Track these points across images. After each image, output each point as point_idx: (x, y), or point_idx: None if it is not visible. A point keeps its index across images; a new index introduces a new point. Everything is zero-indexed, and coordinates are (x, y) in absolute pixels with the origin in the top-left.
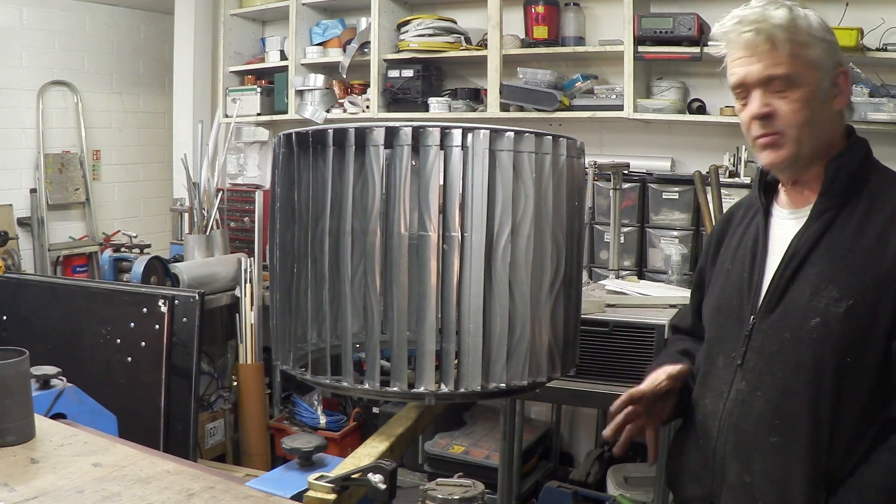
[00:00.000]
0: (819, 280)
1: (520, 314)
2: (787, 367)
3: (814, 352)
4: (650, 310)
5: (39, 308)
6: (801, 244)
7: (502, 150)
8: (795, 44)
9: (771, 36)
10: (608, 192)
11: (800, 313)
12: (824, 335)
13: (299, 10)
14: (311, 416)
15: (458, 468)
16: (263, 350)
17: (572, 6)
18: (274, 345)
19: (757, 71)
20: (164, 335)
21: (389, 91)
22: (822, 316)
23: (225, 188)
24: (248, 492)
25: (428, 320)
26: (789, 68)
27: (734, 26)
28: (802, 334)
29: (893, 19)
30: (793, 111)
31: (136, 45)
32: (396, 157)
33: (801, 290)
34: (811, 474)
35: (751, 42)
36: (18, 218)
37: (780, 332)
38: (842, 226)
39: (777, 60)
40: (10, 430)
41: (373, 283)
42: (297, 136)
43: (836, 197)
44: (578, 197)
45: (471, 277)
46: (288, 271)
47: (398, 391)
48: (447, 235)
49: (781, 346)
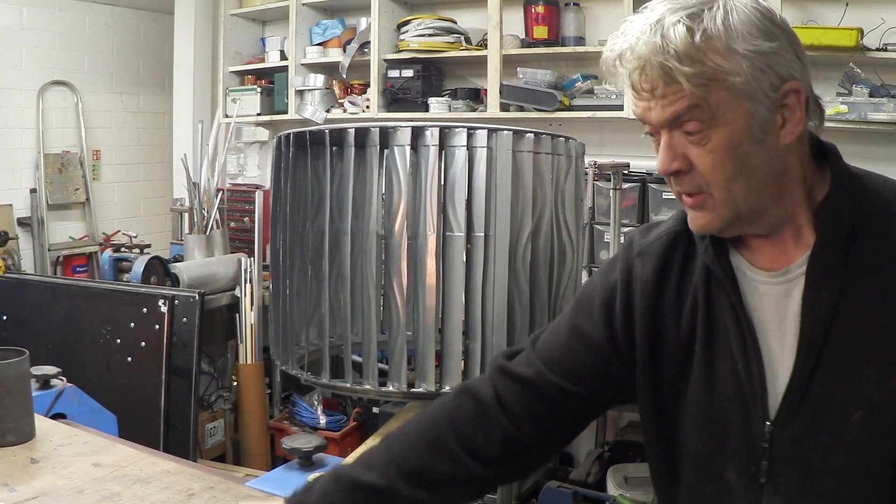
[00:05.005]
0: (850, 363)
1: (538, 311)
2: (834, 474)
3: (862, 452)
4: None
5: (39, 308)
6: (817, 325)
7: (522, 152)
8: (702, 76)
9: (664, 70)
10: (608, 192)
11: (836, 409)
12: (871, 430)
13: (299, 10)
14: (311, 416)
15: None
16: (263, 350)
17: (572, 6)
18: (278, 346)
19: (657, 114)
20: (164, 335)
21: (389, 91)
22: (865, 407)
23: (225, 188)
24: (248, 492)
25: (454, 320)
26: (701, 102)
27: (616, 62)
28: (844, 434)
29: (893, 19)
30: (713, 165)
31: (136, 45)
32: (422, 158)
33: (829, 380)
34: None
35: (637, 82)
36: (18, 218)
37: (817, 436)
38: (855, 286)
39: (678, 97)
40: (10, 430)
41: (399, 284)
42: (296, 137)
43: (838, 254)
44: (582, 196)
45: (495, 277)
46: (313, 270)
47: (423, 391)
48: (473, 236)
49: (821, 452)
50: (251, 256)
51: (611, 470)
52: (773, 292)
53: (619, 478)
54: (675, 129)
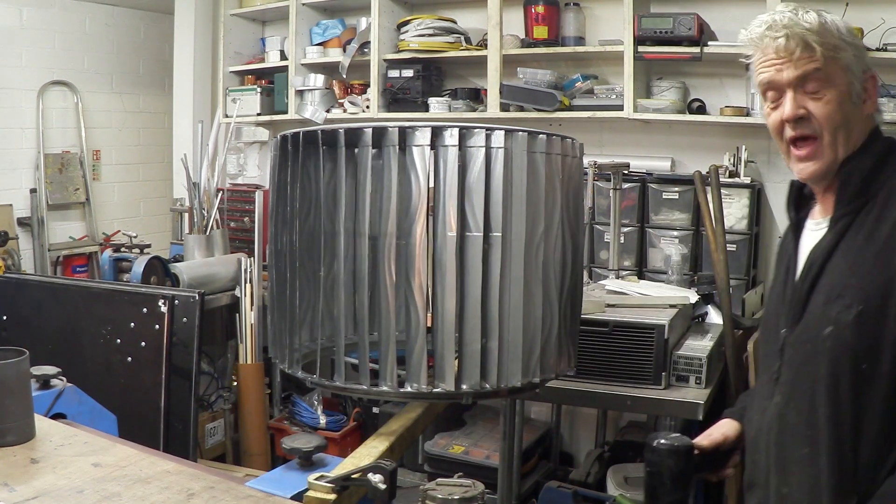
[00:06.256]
0: (832, 289)
1: (549, 310)
2: (812, 378)
3: (829, 361)
4: (650, 310)
5: (39, 308)
6: (818, 254)
7: (535, 152)
8: (827, 46)
9: (804, 39)
10: (608, 192)
11: (816, 324)
12: (837, 343)
13: (299, 10)
14: (311, 416)
15: (458, 468)
16: (263, 350)
17: (572, 6)
18: (275, 345)
19: (790, 73)
20: (164, 335)
21: (389, 91)
22: (835, 324)
23: (225, 188)
24: (248, 492)
25: (471, 320)
26: (824, 67)
27: (765, 31)
28: (819, 344)
29: (893, 19)
30: (827, 112)
31: (136, 45)
32: (441, 158)
33: (817, 300)
34: (838, 486)
35: (782, 47)
36: (18, 218)
37: (804, 343)
38: (855, 232)
39: (811, 60)
40: (10, 430)
41: (419, 286)
42: (306, 136)
43: (849, 202)
44: (583, 196)
45: (511, 276)
46: (327, 270)
47: (442, 392)
48: (490, 235)
49: (805, 358)
50: (251, 256)
51: (611, 470)
52: (815, 236)
53: (619, 478)
54: (799, 87)
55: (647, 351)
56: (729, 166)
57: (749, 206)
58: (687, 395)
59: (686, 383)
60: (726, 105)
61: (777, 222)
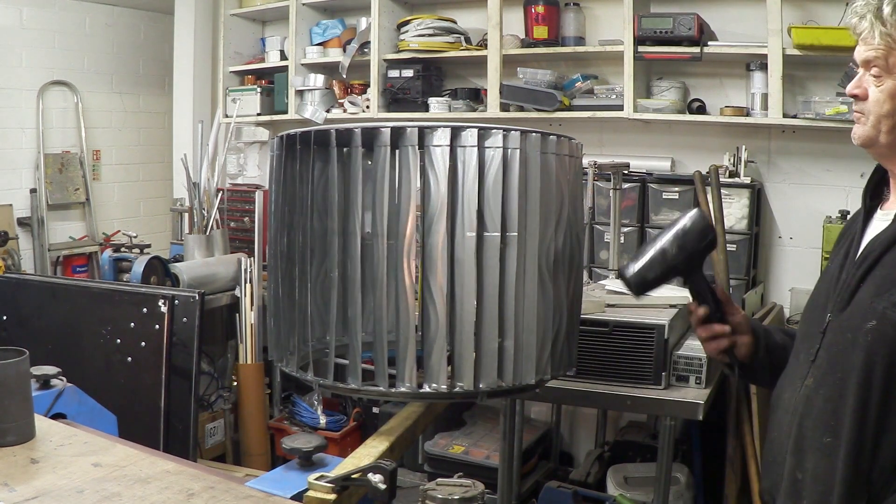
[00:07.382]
0: (883, 282)
1: (559, 308)
2: (845, 368)
3: (866, 355)
4: (650, 310)
5: (39, 308)
6: (876, 244)
7: (547, 153)
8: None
9: (871, 22)
10: (608, 192)
11: (861, 315)
12: (877, 339)
13: (299, 10)
14: (311, 416)
15: (458, 468)
16: (263, 350)
17: (572, 6)
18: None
19: (859, 53)
20: (164, 335)
21: (389, 91)
22: (879, 319)
23: (225, 188)
24: (248, 492)
25: (489, 319)
26: (880, 55)
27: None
28: (859, 336)
29: None
30: (877, 99)
31: (136, 45)
32: (459, 159)
33: (867, 291)
34: (851, 483)
35: (854, 26)
36: (18, 218)
37: (845, 332)
38: None
39: (871, 46)
40: (10, 430)
41: (439, 286)
42: (297, 137)
43: None
44: (583, 196)
45: (525, 275)
46: (333, 272)
47: (460, 391)
48: (507, 235)
49: (844, 347)
50: (251, 256)
51: (611, 470)
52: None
53: (619, 478)
54: (867, 69)
55: (647, 351)
56: (729, 166)
57: (749, 207)
58: (687, 395)
59: (686, 383)
60: (726, 105)
61: (777, 222)
